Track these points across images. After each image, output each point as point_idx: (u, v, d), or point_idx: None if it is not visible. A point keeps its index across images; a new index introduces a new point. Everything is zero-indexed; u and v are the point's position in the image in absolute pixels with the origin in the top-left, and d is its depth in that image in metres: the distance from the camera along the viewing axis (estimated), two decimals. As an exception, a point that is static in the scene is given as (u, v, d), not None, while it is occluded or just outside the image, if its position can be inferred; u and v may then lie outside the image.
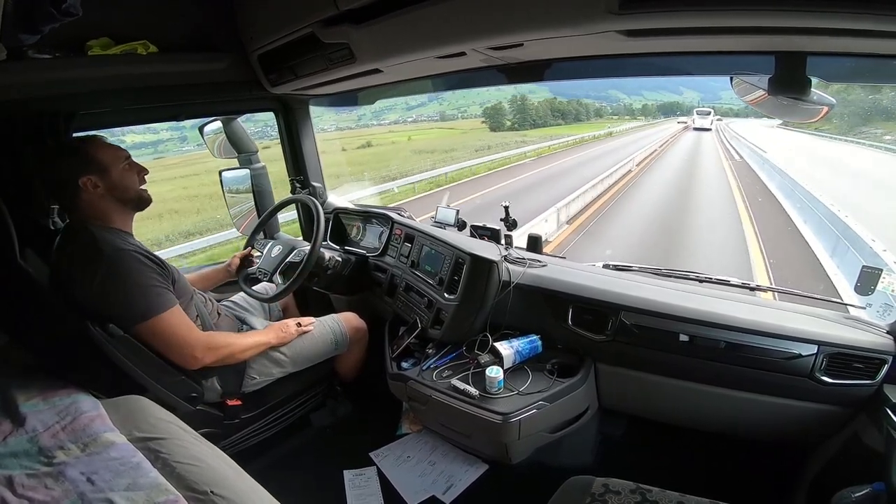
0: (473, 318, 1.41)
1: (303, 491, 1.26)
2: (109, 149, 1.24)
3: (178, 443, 1.02)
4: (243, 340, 1.38)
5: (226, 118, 1.86)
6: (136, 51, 1.35)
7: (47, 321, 1.21)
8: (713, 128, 29.32)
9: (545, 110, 43.92)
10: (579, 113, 47.55)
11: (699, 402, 1.25)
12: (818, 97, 0.85)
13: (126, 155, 1.26)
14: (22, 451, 0.95)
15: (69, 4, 0.77)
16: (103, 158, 1.21)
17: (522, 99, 39.86)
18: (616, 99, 56.18)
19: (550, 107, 44.72)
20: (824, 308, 1.27)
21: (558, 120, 43.91)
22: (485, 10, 0.88)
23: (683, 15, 0.70)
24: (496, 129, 37.02)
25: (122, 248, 1.19)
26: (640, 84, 53.39)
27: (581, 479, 1.03)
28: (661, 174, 13.84)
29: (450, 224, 1.73)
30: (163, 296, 1.22)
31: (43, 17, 0.78)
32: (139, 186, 1.28)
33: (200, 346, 1.26)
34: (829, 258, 5.45)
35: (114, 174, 1.21)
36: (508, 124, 39.59)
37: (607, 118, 49.64)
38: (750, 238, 6.83)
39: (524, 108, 41.71)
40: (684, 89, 54.13)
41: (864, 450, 1.05)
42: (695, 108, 42.92)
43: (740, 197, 9.80)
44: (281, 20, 1.29)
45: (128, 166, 1.25)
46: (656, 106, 55.26)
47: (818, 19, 0.65)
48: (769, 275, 5.30)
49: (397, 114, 43.29)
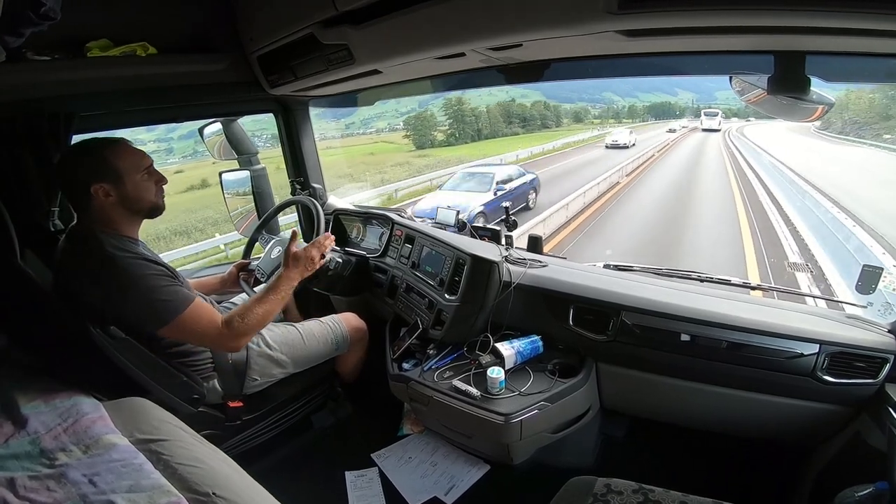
0: (474, 319, 1.41)
1: (305, 492, 1.25)
2: (131, 155, 1.19)
3: (179, 444, 1.02)
4: (265, 306, 1.29)
5: (226, 119, 1.86)
6: (135, 52, 1.36)
7: (48, 323, 1.21)
8: (721, 129, 25.48)
9: (496, 116, 32.73)
10: (545, 118, 36.86)
11: (701, 401, 1.25)
12: (817, 96, 0.85)
13: (148, 163, 1.21)
14: (24, 452, 0.95)
15: (48, 8, 0.77)
16: (121, 166, 1.16)
17: (459, 103, 28.18)
18: (610, 101, 52.46)
19: (505, 112, 33.77)
20: (825, 307, 1.27)
21: (515, 128, 33.17)
22: (484, 10, 0.88)
23: (682, 15, 0.70)
24: (423, 146, 26.38)
25: (132, 256, 1.17)
26: (635, 86, 50.57)
27: (583, 480, 1.03)
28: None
29: (450, 225, 1.73)
30: (180, 293, 1.20)
31: (22, 20, 0.78)
32: (154, 196, 1.23)
33: (227, 335, 1.23)
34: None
35: (129, 184, 1.17)
36: (441, 138, 28.64)
37: (589, 122, 40.53)
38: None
39: (461, 114, 29.59)
40: (679, 90, 51.76)
41: (866, 449, 1.04)
42: (689, 109, 39.51)
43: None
44: (280, 21, 1.29)
45: (147, 175, 1.21)
46: (645, 108, 48.03)
47: (817, 18, 0.65)
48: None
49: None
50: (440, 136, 29.01)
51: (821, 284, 4.70)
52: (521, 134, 32.20)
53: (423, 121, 28.98)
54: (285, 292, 1.34)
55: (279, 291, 1.33)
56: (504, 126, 33.12)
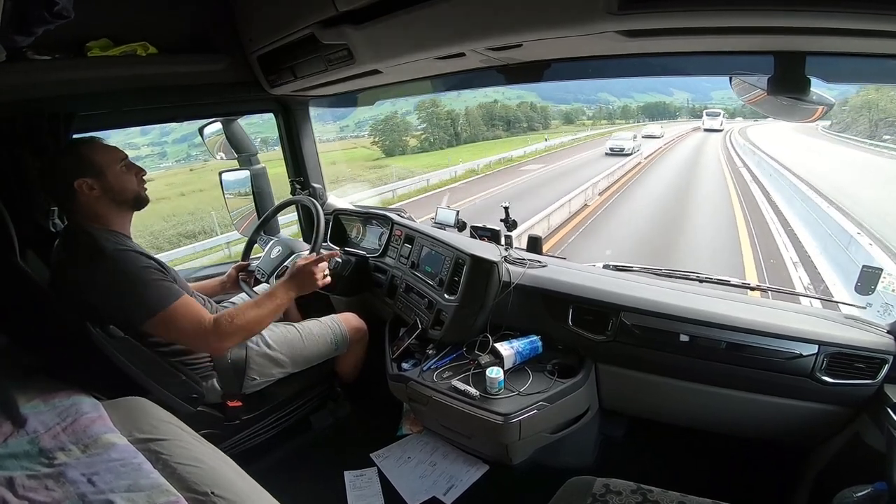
0: (474, 319, 1.41)
1: (304, 492, 1.26)
2: (106, 151, 1.23)
3: (178, 444, 1.02)
4: (258, 311, 1.28)
5: (225, 119, 1.86)
6: (135, 52, 1.36)
7: (48, 323, 1.21)
8: (723, 129, 25.70)
9: (476, 119, 30.59)
10: (532, 119, 35.43)
11: (700, 402, 1.25)
12: (817, 97, 0.85)
13: (123, 156, 1.25)
14: (22, 452, 0.95)
15: (61, 7, 0.77)
16: (99, 160, 1.20)
17: (434, 104, 25.47)
18: (607, 101, 50.90)
19: (488, 113, 31.81)
20: (824, 308, 1.28)
21: (498, 131, 31.44)
22: (484, 10, 0.88)
23: (683, 15, 0.69)
24: (392, 154, 24.48)
25: (123, 248, 1.19)
26: (630, 86, 49.38)
27: (582, 480, 1.03)
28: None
29: (450, 225, 1.73)
30: (169, 288, 1.21)
31: (35, 19, 0.78)
32: (136, 186, 1.27)
33: (212, 333, 1.21)
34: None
35: (110, 176, 1.21)
36: (414, 143, 26.05)
37: (579, 123, 38.61)
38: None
39: (436, 117, 26.82)
40: (675, 90, 50.67)
41: (865, 449, 1.05)
42: (685, 109, 39.61)
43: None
44: (280, 21, 1.29)
45: (125, 168, 1.25)
46: (639, 108, 46.14)
47: (817, 19, 0.65)
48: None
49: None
50: (413, 141, 26.07)
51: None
52: (503, 137, 29.56)
53: (391, 125, 26.16)
54: (281, 301, 1.33)
55: (275, 299, 1.32)
56: (485, 129, 30.82)
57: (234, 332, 1.24)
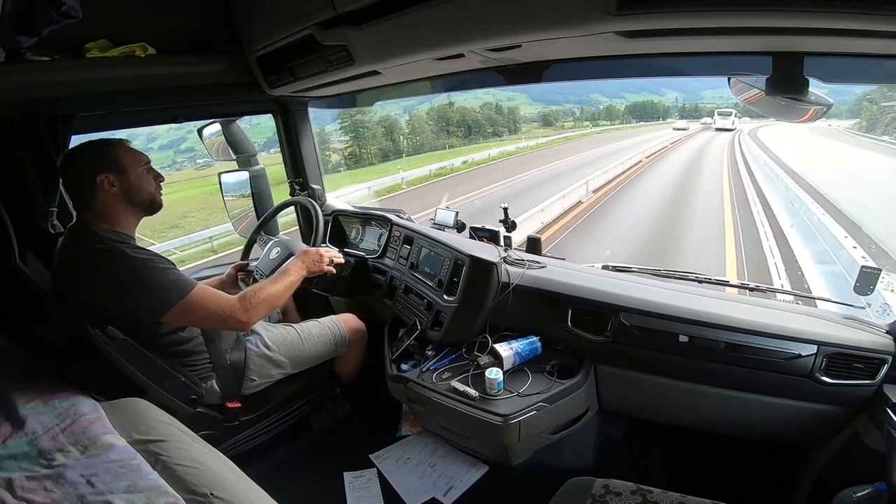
0: (473, 320, 1.41)
1: (303, 493, 1.25)
2: (131, 152, 1.26)
3: (177, 445, 1.02)
4: (276, 286, 1.35)
5: (224, 120, 1.86)
6: (134, 53, 1.36)
7: (47, 324, 1.21)
8: (735, 128, 24.80)
9: (421, 126, 26.05)
10: (496, 124, 30.57)
11: (699, 402, 1.25)
12: (815, 97, 0.85)
13: (146, 160, 1.29)
14: (21, 453, 0.95)
15: (69, 6, 0.76)
16: (124, 160, 1.23)
17: (359, 112, 20.94)
18: (598, 102, 49.91)
19: (441, 118, 27.25)
20: (823, 308, 1.28)
21: (452, 139, 27.00)
22: (483, 11, 0.88)
23: (681, 16, 0.70)
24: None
25: (131, 248, 1.20)
26: (621, 87, 48.89)
27: (581, 481, 1.03)
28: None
29: (449, 226, 1.73)
30: (185, 279, 1.23)
31: (42, 18, 0.77)
32: (154, 190, 1.30)
33: (240, 308, 1.26)
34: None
35: (131, 176, 1.23)
36: (336, 159, 21.44)
37: (558, 126, 35.02)
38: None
39: (362, 125, 22.71)
40: (665, 90, 50.06)
41: (864, 450, 1.04)
42: (674, 108, 39.01)
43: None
44: (279, 22, 1.29)
45: (146, 171, 1.28)
46: (625, 107, 43.36)
47: (815, 20, 0.65)
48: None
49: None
50: (335, 157, 21.79)
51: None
52: (457, 146, 25.64)
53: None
54: (295, 278, 1.40)
55: (290, 275, 1.39)
56: (433, 137, 26.53)
57: (258, 304, 1.28)
